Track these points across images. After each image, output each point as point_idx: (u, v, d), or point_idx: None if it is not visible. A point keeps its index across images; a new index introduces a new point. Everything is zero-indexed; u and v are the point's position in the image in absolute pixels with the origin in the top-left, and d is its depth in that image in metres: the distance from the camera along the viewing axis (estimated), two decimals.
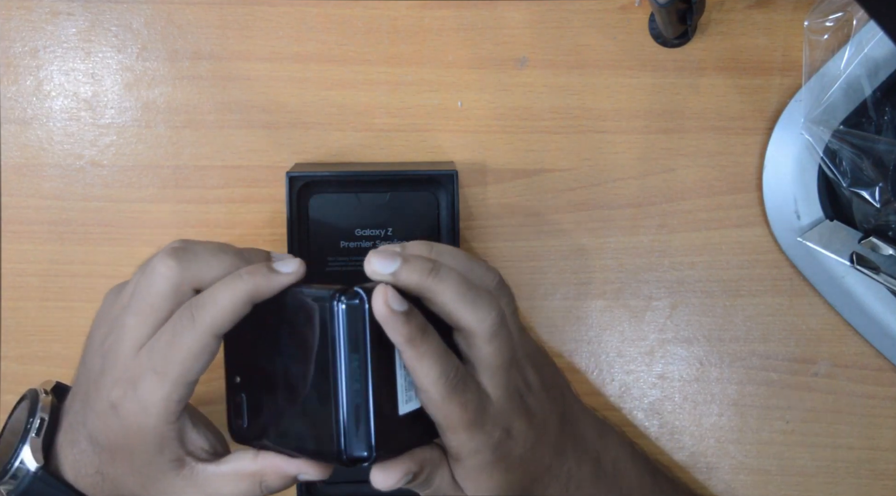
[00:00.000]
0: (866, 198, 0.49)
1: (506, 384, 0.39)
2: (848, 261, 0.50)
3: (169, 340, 0.37)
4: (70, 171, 0.53)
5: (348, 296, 0.35)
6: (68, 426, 0.41)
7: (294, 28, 0.52)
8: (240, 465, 0.39)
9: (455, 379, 0.37)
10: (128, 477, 0.39)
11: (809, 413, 0.53)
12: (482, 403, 0.38)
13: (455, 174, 0.48)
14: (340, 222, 0.50)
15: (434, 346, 0.36)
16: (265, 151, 0.53)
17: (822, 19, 0.51)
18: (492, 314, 0.37)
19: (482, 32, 0.52)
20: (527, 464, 0.40)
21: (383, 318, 0.35)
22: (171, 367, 0.37)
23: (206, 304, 0.37)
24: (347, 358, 0.35)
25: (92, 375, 0.40)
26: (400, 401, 0.37)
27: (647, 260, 0.53)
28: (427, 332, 0.36)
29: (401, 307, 0.35)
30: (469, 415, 0.37)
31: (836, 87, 0.50)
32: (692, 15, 0.47)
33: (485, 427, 0.38)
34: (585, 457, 0.44)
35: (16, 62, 0.53)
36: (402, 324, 0.35)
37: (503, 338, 0.38)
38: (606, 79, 0.53)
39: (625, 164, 0.53)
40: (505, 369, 0.39)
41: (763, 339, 0.53)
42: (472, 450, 0.38)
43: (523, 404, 0.40)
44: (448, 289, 0.37)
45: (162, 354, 0.37)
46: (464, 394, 0.37)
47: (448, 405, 0.37)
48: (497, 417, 0.38)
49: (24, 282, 0.53)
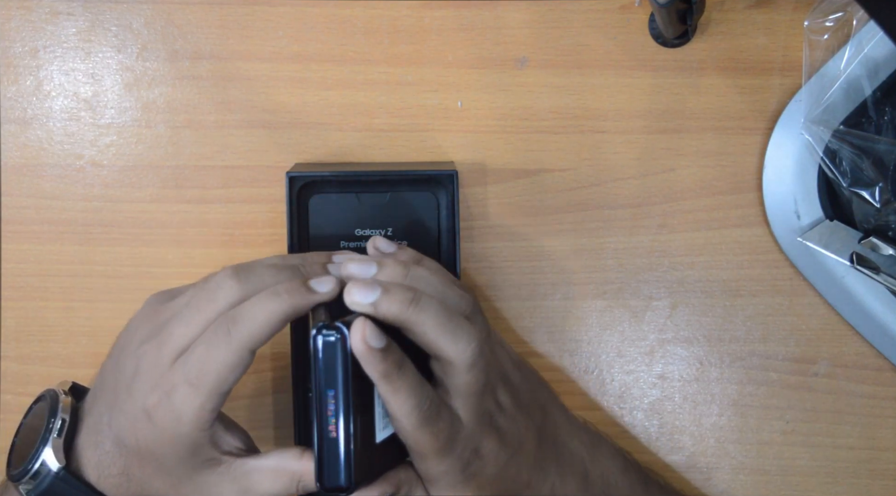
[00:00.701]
0: (866, 198, 0.49)
1: (477, 408, 0.39)
2: (848, 261, 0.50)
3: (204, 353, 0.37)
4: (70, 171, 0.53)
5: (327, 331, 0.35)
6: (91, 428, 0.41)
7: (294, 28, 0.52)
8: (283, 462, 0.39)
9: (428, 410, 0.37)
10: (156, 478, 0.40)
11: (809, 413, 0.53)
12: (454, 429, 0.38)
13: (455, 174, 0.48)
14: (340, 222, 0.50)
15: (409, 381, 0.37)
16: (265, 151, 0.53)
17: (822, 19, 0.51)
18: (471, 345, 0.38)
19: (482, 32, 0.52)
20: (502, 482, 0.41)
21: (360, 354, 0.35)
22: (205, 379, 0.37)
23: (244, 320, 0.37)
24: (324, 393, 0.35)
25: (124, 378, 0.40)
26: (377, 429, 0.37)
27: (647, 260, 0.53)
28: (403, 367, 0.37)
29: (378, 344, 0.35)
30: (440, 443, 0.38)
31: (836, 87, 0.50)
32: (692, 15, 0.47)
33: (454, 451, 0.38)
34: (571, 471, 0.44)
35: (16, 62, 0.53)
36: (379, 361, 0.36)
37: (480, 367, 0.38)
38: (606, 79, 0.53)
39: (625, 164, 0.53)
40: (478, 395, 0.39)
41: (763, 339, 0.53)
42: (442, 473, 0.39)
43: (493, 424, 0.40)
44: (428, 321, 0.37)
45: (197, 366, 0.37)
46: (436, 423, 0.37)
47: (420, 434, 0.37)
48: (467, 440, 0.39)
49: (24, 283, 0.53)
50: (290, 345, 0.48)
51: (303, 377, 0.43)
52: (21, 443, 0.42)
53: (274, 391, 0.53)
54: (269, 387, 0.53)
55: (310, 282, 0.38)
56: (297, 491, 0.40)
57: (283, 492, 0.40)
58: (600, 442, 0.47)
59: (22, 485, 0.40)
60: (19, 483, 0.40)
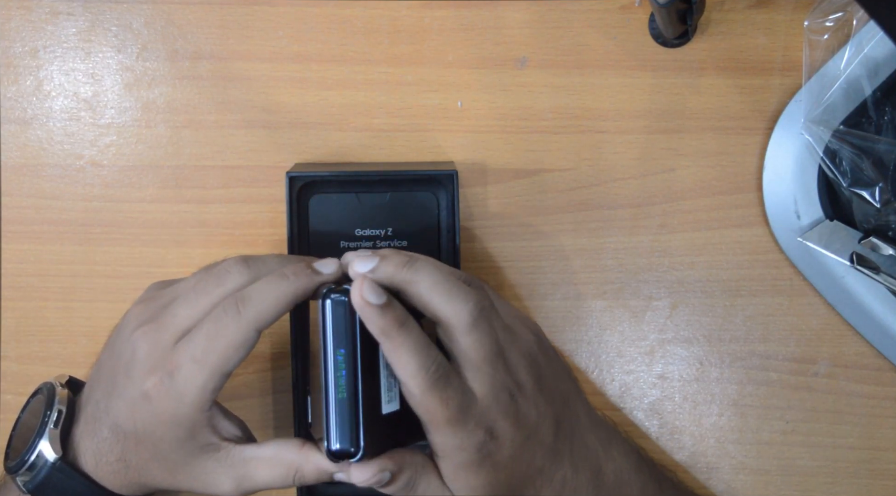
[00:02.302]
0: (866, 198, 0.49)
1: (491, 382, 0.38)
2: (848, 261, 0.50)
3: (212, 330, 0.38)
4: (70, 171, 0.53)
5: (337, 292, 0.36)
6: (88, 416, 0.42)
7: (294, 28, 0.52)
8: (281, 452, 0.40)
9: (436, 373, 0.37)
10: (153, 463, 0.40)
11: (809, 413, 0.53)
12: (465, 400, 0.38)
13: (455, 174, 0.48)
14: (340, 222, 0.50)
15: (412, 339, 0.37)
16: (265, 151, 0.53)
17: (822, 19, 0.51)
18: (469, 304, 0.38)
19: (482, 32, 0.52)
20: (515, 466, 0.40)
21: (360, 310, 0.36)
22: (210, 357, 0.37)
23: (253, 299, 0.38)
24: (334, 352, 0.36)
25: (122, 362, 0.40)
26: (383, 401, 0.37)
27: (647, 260, 0.53)
28: (405, 325, 0.37)
29: (377, 299, 0.36)
30: (450, 411, 0.37)
31: (836, 87, 0.50)
32: (692, 15, 0.47)
33: (467, 425, 0.38)
34: (585, 464, 0.44)
35: (16, 62, 0.53)
36: (378, 316, 0.36)
37: (483, 330, 0.38)
38: (606, 79, 0.53)
39: (625, 164, 0.53)
40: (489, 364, 0.38)
41: (763, 339, 0.53)
42: (454, 448, 0.38)
43: (512, 405, 0.39)
44: (423, 280, 0.38)
45: (203, 344, 0.37)
46: (445, 389, 0.37)
47: (429, 400, 0.37)
48: (481, 416, 0.38)
49: (24, 283, 0.53)
50: (290, 345, 0.48)
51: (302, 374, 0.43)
52: (18, 436, 0.43)
53: (274, 391, 0.53)
54: (270, 387, 0.53)
55: (314, 265, 0.39)
56: (293, 482, 0.40)
57: (280, 482, 0.40)
58: (616, 438, 0.47)
59: (19, 477, 0.40)
60: (17, 475, 0.40)
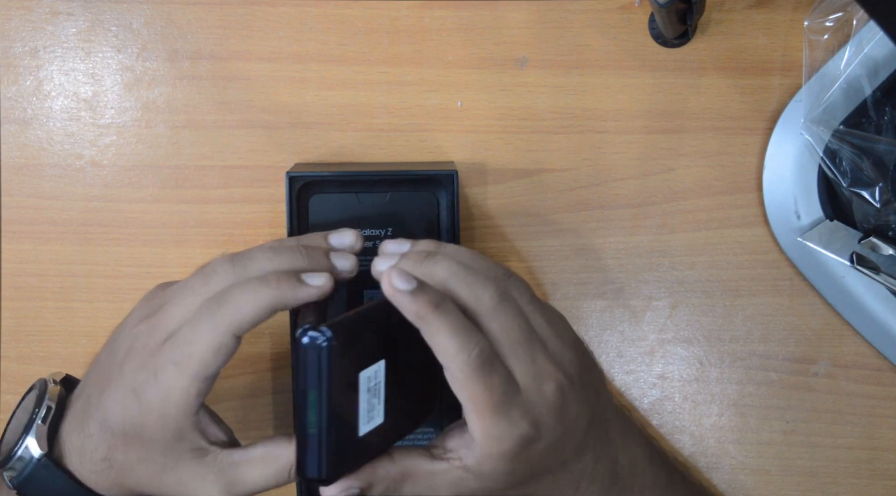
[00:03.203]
0: (866, 198, 0.49)
1: (533, 370, 0.37)
2: (848, 261, 0.50)
3: (189, 334, 0.37)
4: (70, 171, 0.53)
5: (313, 333, 0.35)
6: (78, 411, 0.41)
7: (294, 28, 0.52)
8: (272, 450, 0.39)
9: (479, 357, 0.36)
10: (139, 465, 0.40)
11: (809, 413, 0.53)
12: (509, 388, 0.37)
13: (455, 174, 0.48)
14: (340, 222, 0.50)
15: (449, 321, 0.36)
16: (265, 151, 0.53)
17: (822, 19, 0.51)
18: (489, 289, 0.37)
19: (482, 32, 0.52)
20: (544, 459, 0.39)
21: (392, 298, 0.36)
22: (189, 361, 0.37)
23: (229, 303, 0.37)
24: (306, 391, 0.35)
25: (116, 358, 0.40)
26: (361, 423, 0.37)
27: (647, 260, 0.53)
28: (441, 307, 0.36)
29: (406, 285, 0.36)
30: (495, 398, 0.36)
31: (836, 87, 0.50)
32: (692, 15, 0.47)
33: (511, 414, 0.37)
34: (605, 456, 0.43)
35: (16, 62, 0.53)
36: (410, 301, 0.35)
37: (508, 312, 0.37)
38: (606, 79, 0.53)
39: (625, 164, 0.53)
40: (524, 350, 0.37)
41: (763, 339, 0.53)
42: (495, 437, 0.37)
43: (558, 397, 0.38)
44: (442, 271, 0.37)
45: (181, 348, 0.37)
46: (490, 375, 0.36)
47: (472, 384, 0.36)
48: (525, 407, 0.37)
49: (24, 283, 0.53)
50: (291, 345, 0.48)
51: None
52: (10, 431, 0.43)
53: (274, 391, 0.53)
54: (269, 386, 0.53)
55: (303, 276, 0.38)
56: (289, 478, 0.39)
57: (274, 480, 0.39)
58: (632, 429, 0.46)
59: (6, 472, 0.41)
60: (4, 470, 0.41)
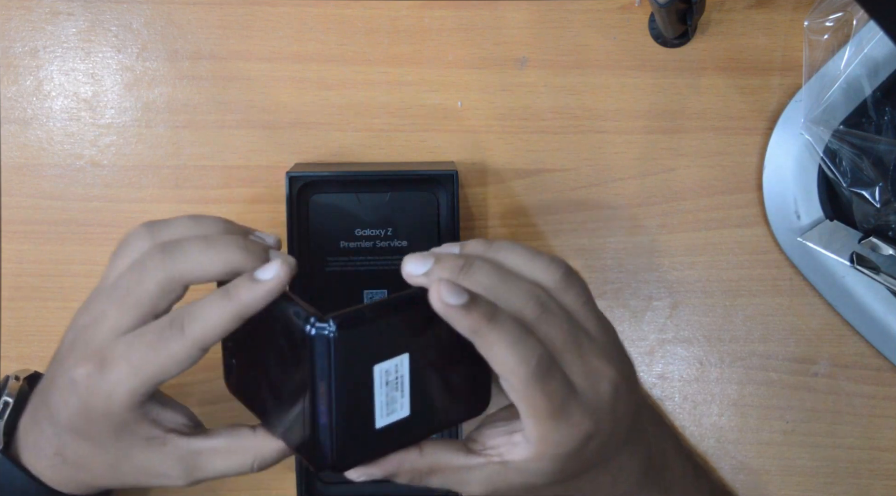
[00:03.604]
0: (866, 198, 0.49)
1: (586, 371, 0.37)
2: (848, 261, 0.50)
3: (154, 342, 0.36)
4: (70, 171, 0.53)
5: (320, 324, 0.35)
6: (33, 407, 0.41)
7: (294, 28, 0.52)
8: (236, 440, 0.39)
9: (538, 366, 0.35)
10: (93, 458, 0.39)
11: (809, 413, 0.53)
12: (568, 393, 0.36)
13: (455, 174, 0.48)
14: (340, 222, 0.50)
15: (505, 333, 0.35)
16: (265, 151, 0.53)
17: (822, 19, 0.51)
18: (530, 301, 0.36)
19: (482, 32, 0.52)
20: (593, 457, 0.39)
21: (443, 314, 0.34)
22: (147, 367, 0.36)
23: (197, 319, 0.36)
24: (316, 381, 0.35)
25: (61, 351, 0.39)
26: (378, 416, 0.37)
27: (647, 260, 0.53)
28: (495, 319, 0.35)
29: (457, 300, 0.34)
30: (555, 404, 0.35)
31: (836, 87, 0.50)
32: (692, 15, 0.47)
33: (571, 418, 0.36)
34: (640, 449, 0.42)
35: (16, 62, 0.53)
36: (462, 317, 0.34)
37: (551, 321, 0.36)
38: (606, 79, 0.53)
39: (625, 164, 0.53)
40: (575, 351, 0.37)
41: (763, 339, 0.53)
42: (555, 442, 0.36)
43: (613, 398, 0.38)
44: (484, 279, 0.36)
45: (143, 352, 0.36)
46: (549, 382, 0.35)
47: (532, 393, 0.35)
48: (584, 409, 0.37)
49: (24, 283, 0.53)
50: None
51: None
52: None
53: None
54: None
55: (255, 274, 0.37)
56: (252, 469, 0.39)
57: (237, 470, 0.39)
58: (661, 420, 0.46)
59: None
60: None
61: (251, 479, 0.54)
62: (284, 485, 0.53)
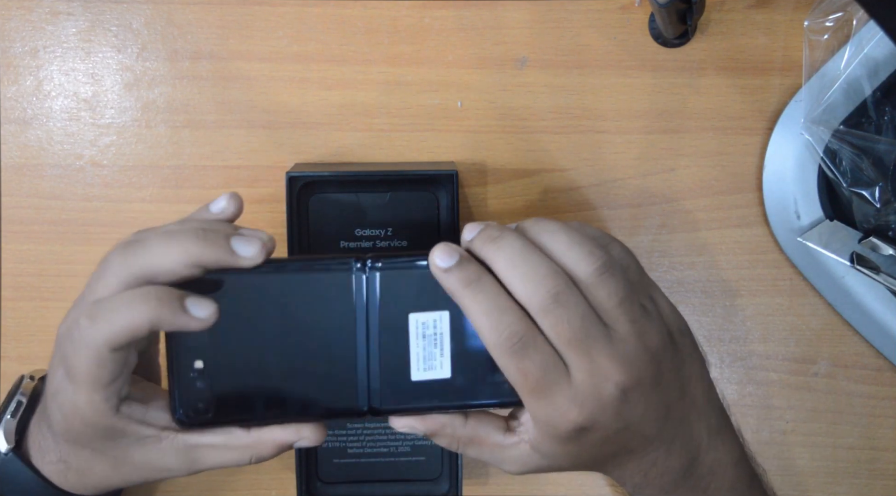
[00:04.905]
0: (866, 198, 0.49)
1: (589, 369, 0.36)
2: (848, 261, 0.50)
3: (69, 345, 0.35)
4: (70, 171, 0.53)
5: (360, 265, 0.37)
6: (40, 410, 0.42)
7: (294, 28, 0.52)
8: (232, 438, 0.38)
9: (510, 339, 0.35)
10: (94, 462, 0.39)
11: (809, 413, 0.53)
12: (551, 378, 0.36)
13: (455, 174, 0.48)
14: (340, 222, 0.50)
15: (480, 299, 0.35)
16: (265, 151, 0.53)
17: (822, 19, 0.51)
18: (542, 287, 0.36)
19: (482, 32, 0.52)
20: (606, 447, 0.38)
21: (434, 274, 0.36)
22: (78, 373, 0.35)
23: (103, 318, 0.35)
24: (355, 321, 0.37)
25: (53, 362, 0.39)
26: (413, 367, 0.38)
27: (647, 260, 0.53)
28: (474, 285, 0.36)
29: (444, 263, 0.36)
30: (530, 383, 0.36)
31: (836, 87, 0.50)
32: (692, 15, 0.47)
33: (555, 402, 0.36)
34: (682, 450, 0.41)
35: (16, 62, 0.53)
36: (444, 278, 0.36)
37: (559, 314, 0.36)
38: (606, 79, 0.53)
39: (625, 164, 0.53)
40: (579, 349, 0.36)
41: (763, 339, 0.53)
42: (542, 420, 0.37)
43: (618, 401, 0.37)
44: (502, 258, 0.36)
45: (70, 359, 0.36)
46: (521, 359, 0.35)
47: (506, 365, 0.36)
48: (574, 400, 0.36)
49: (24, 283, 0.53)
50: None
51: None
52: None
53: None
54: None
55: (185, 302, 0.35)
56: (250, 462, 0.39)
57: (235, 464, 0.39)
58: (726, 429, 0.43)
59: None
60: None
61: (251, 479, 0.54)
62: (284, 485, 0.53)
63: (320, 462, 0.51)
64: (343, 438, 0.51)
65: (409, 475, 0.51)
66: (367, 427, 0.51)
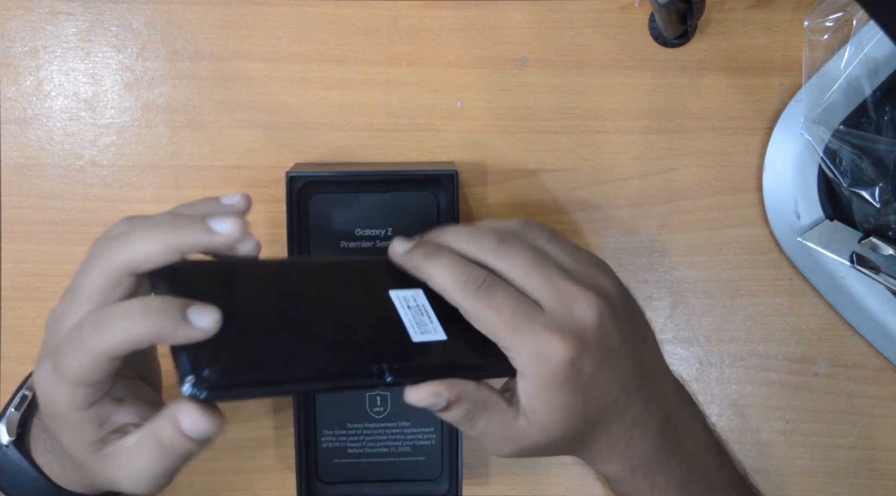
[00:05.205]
0: (866, 198, 0.49)
1: (554, 293, 0.38)
2: (848, 261, 0.50)
3: (68, 347, 0.35)
4: (70, 171, 0.53)
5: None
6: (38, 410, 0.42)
7: (294, 28, 0.52)
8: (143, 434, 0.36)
9: (475, 282, 0.38)
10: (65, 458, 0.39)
11: (809, 413, 0.53)
12: (523, 306, 0.38)
13: (455, 174, 0.48)
14: (340, 222, 0.50)
15: (441, 262, 0.39)
16: (265, 151, 0.53)
17: (822, 19, 0.51)
18: (490, 237, 0.40)
19: (482, 32, 0.52)
20: (594, 390, 0.39)
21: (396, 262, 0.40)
22: (66, 373, 0.35)
23: (104, 329, 0.34)
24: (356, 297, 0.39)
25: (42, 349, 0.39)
26: (412, 332, 0.39)
27: (647, 260, 0.53)
28: (433, 255, 0.39)
29: (403, 247, 0.40)
30: (504, 316, 0.37)
31: (836, 87, 0.50)
32: (692, 15, 0.47)
33: (534, 329, 0.37)
34: (656, 408, 0.42)
35: (16, 62, 0.53)
36: (406, 260, 0.40)
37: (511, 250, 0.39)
38: (606, 79, 0.53)
39: (625, 164, 0.53)
40: (538, 274, 0.39)
41: (763, 339, 0.53)
42: (532, 356, 0.37)
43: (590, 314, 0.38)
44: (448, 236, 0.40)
45: (62, 356, 0.35)
46: (491, 296, 0.38)
47: (478, 310, 0.38)
48: (550, 321, 0.37)
49: (24, 283, 0.53)
50: None
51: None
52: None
53: None
54: None
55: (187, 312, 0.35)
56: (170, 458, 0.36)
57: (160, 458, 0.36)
58: (686, 395, 0.45)
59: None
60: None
61: (251, 479, 0.54)
62: (284, 485, 0.53)
63: (320, 462, 0.51)
64: (343, 438, 0.51)
65: (409, 475, 0.51)
66: (367, 427, 0.51)
